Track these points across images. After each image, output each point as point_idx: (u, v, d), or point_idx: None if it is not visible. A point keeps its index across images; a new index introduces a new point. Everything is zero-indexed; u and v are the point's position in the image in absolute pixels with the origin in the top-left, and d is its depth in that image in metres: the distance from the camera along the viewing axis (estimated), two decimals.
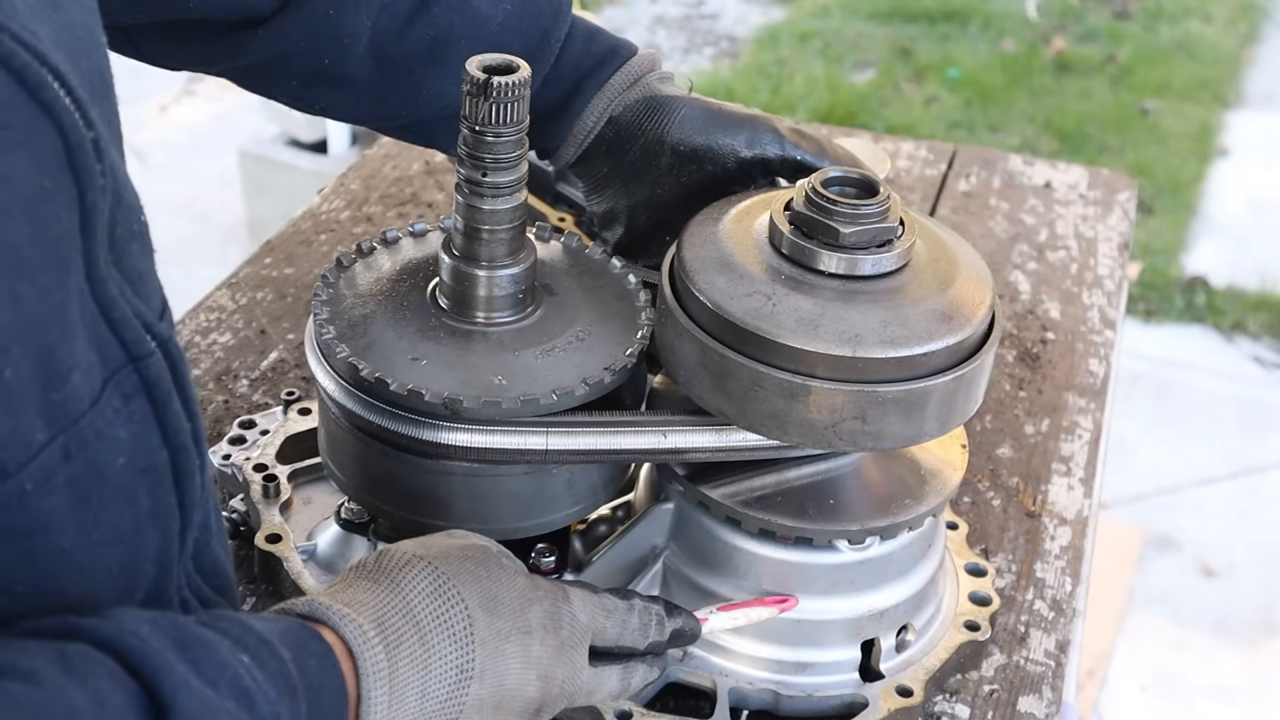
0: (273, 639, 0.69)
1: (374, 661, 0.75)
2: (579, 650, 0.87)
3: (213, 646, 0.65)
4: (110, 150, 0.67)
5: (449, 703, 0.79)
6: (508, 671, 0.82)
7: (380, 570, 0.82)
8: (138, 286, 0.70)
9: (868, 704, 1.03)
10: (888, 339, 0.93)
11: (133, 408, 0.68)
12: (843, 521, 1.01)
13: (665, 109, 1.10)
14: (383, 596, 0.79)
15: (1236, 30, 6.04)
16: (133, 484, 0.69)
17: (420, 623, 0.79)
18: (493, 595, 0.83)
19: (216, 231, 4.24)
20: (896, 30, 5.78)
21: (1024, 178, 1.89)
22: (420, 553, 0.83)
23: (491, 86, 0.94)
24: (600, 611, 0.89)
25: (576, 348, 1.02)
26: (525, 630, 0.83)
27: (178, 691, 0.61)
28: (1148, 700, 2.84)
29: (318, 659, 0.72)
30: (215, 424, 1.31)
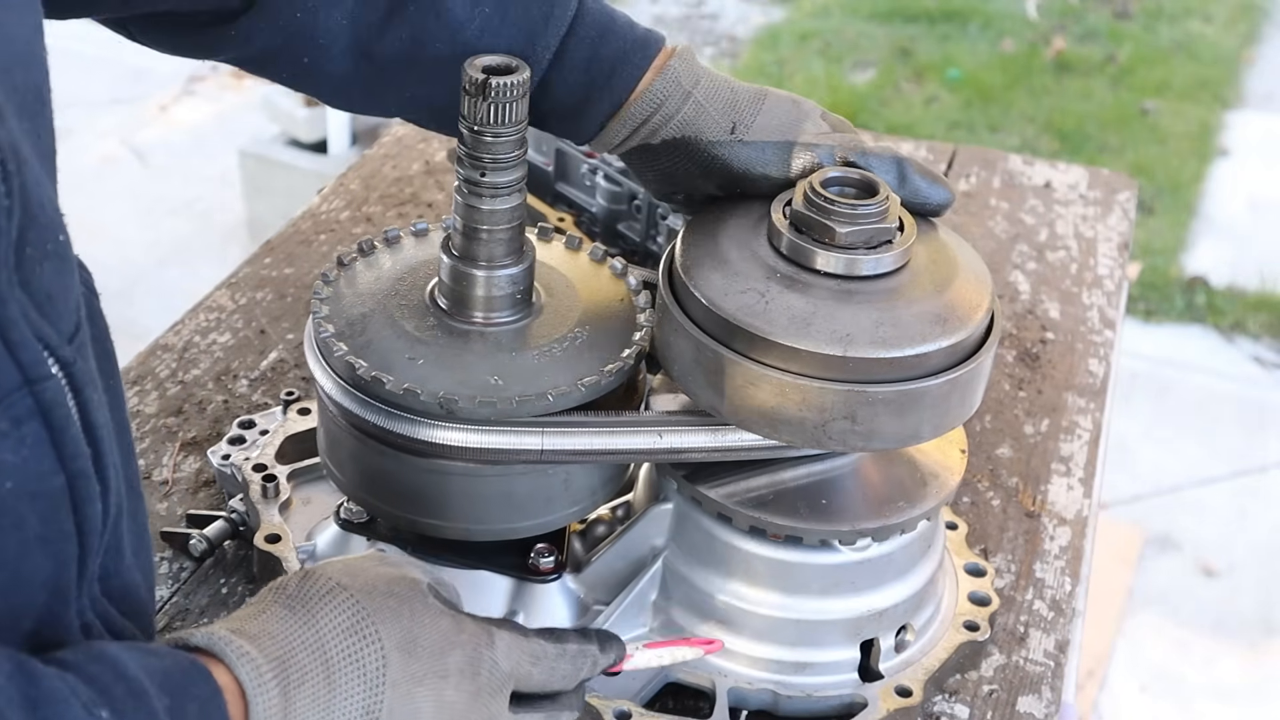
0: (148, 686, 0.67)
1: (265, 704, 0.73)
2: (497, 697, 0.85)
3: (65, 704, 0.62)
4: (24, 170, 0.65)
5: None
6: (417, 715, 0.80)
7: (300, 597, 0.80)
8: (45, 308, 0.68)
9: (867, 704, 1.03)
10: (879, 339, 0.93)
11: (24, 431, 0.66)
12: (836, 522, 1.01)
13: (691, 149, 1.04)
14: (294, 629, 0.77)
15: (1236, 30, 6.04)
16: (20, 508, 0.66)
17: (329, 660, 0.77)
18: (412, 636, 0.81)
19: (216, 231, 4.24)
20: (896, 30, 5.78)
21: (1024, 178, 1.89)
22: (345, 582, 0.81)
23: (490, 87, 0.94)
24: (526, 658, 0.87)
25: (575, 349, 1.02)
26: (441, 674, 0.81)
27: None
28: (1148, 700, 2.84)
29: (200, 704, 0.70)
30: (215, 424, 1.31)
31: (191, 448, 1.28)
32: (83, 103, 4.79)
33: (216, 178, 4.41)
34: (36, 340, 0.66)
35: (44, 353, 0.67)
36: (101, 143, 4.70)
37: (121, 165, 4.63)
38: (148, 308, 2.76)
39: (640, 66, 1.03)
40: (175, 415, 1.32)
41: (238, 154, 4.08)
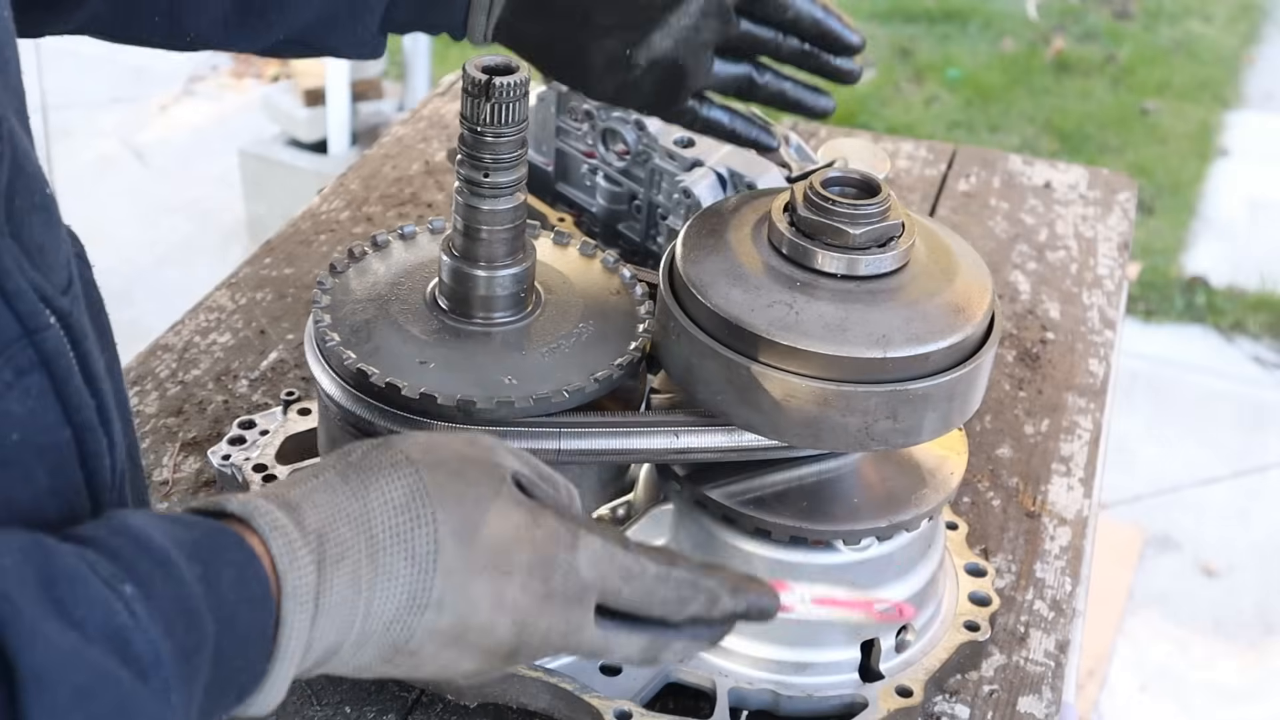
0: (176, 555, 0.63)
1: (297, 582, 0.68)
2: (576, 606, 0.77)
3: (83, 581, 0.59)
4: (9, 118, 0.65)
5: (396, 625, 0.73)
6: (475, 610, 0.74)
7: (359, 466, 0.75)
8: (37, 259, 0.67)
9: (867, 704, 1.03)
10: (882, 339, 0.93)
11: (28, 382, 0.65)
12: (839, 522, 1.01)
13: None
14: (342, 499, 0.72)
15: (1236, 30, 6.04)
16: (28, 461, 0.66)
17: (375, 537, 0.72)
18: (473, 523, 0.74)
19: (216, 231, 4.24)
20: (896, 30, 5.78)
21: (1024, 178, 1.89)
22: (415, 455, 0.75)
23: (493, 88, 0.94)
24: (617, 571, 0.77)
25: (581, 345, 1.03)
26: (504, 570, 0.74)
27: (22, 645, 0.56)
28: (1148, 700, 2.84)
29: (236, 569, 0.66)
30: (215, 424, 1.31)
31: (191, 448, 1.28)
32: (83, 103, 4.79)
33: (216, 178, 4.41)
34: (32, 290, 0.66)
35: (40, 303, 0.66)
36: (101, 143, 4.71)
37: (121, 165, 4.63)
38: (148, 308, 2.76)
39: None
40: (175, 415, 1.32)
41: (238, 154, 4.09)
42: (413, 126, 1.89)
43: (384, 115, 4.04)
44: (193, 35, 1.05)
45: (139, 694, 0.59)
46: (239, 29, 1.06)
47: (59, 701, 0.56)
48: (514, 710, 1.03)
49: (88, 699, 0.57)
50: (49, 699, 0.56)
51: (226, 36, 1.06)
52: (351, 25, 1.06)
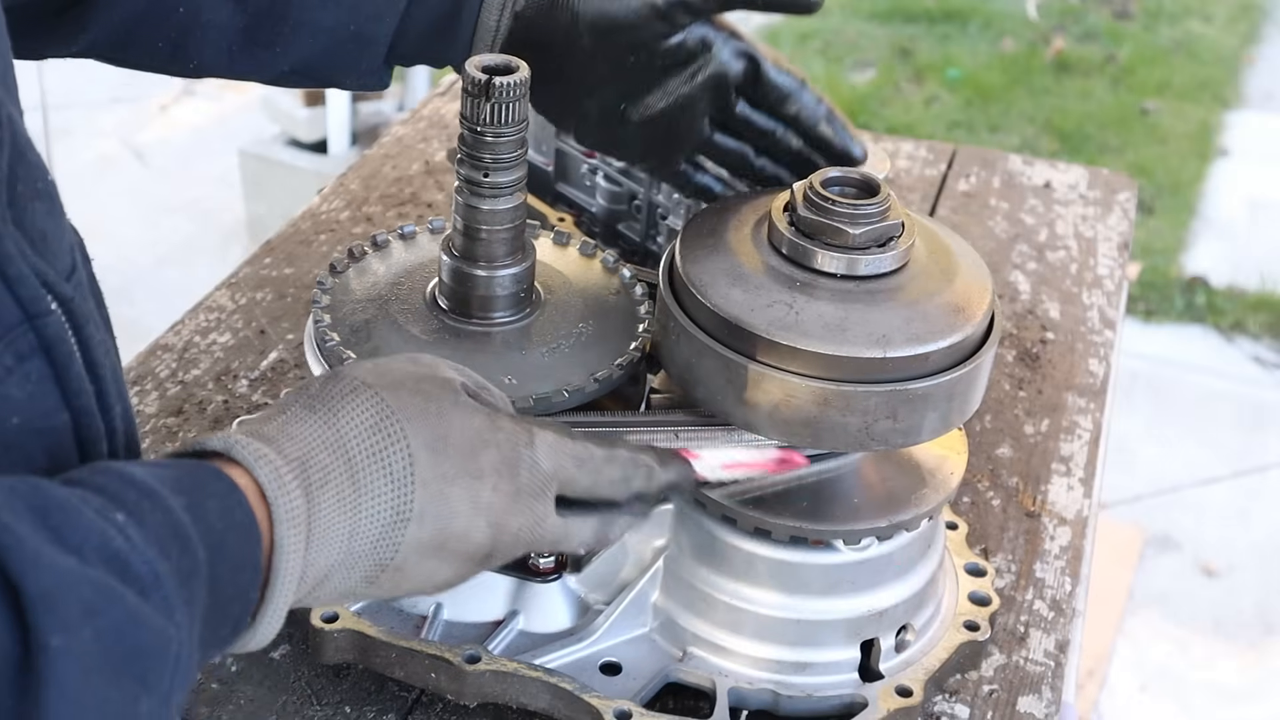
0: (160, 488, 0.65)
1: (289, 506, 0.71)
2: (540, 499, 0.82)
3: (76, 510, 0.61)
4: (6, 104, 0.66)
5: (382, 543, 0.76)
6: (453, 516, 0.78)
7: (321, 396, 0.77)
8: (40, 245, 0.68)
9: (867, 704, 1.03)
10: (881, 339, 0.93)
11: (28, 367, 0.66)
12: (839, 522, 1.01)
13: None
14: (315, 429, 0.75)
15: (1236, 30, 6.04)
16: (28, 444, 0.67)
17: (352, 459, 0.75)
18: (441, 434, 0.78)
19: (216, 231, 4.24)
20: (896, 30, 5.78)
21: (1024, 178, 1.89)
22: (370, 380, 0.78)
23: (494, 87, 0.94)
24: (570, 460, 0.84)
25: (581, 344, 1.03)
26: (475, 474, 0.78)
27: (26, 568, 0.57)
28: (1148, 700, 2.84)
29: (219, 499, 0.68)
30: (215, 424, 1.31)
31: None
32: (83, 103, 4.79)
33: (216, 178, 4.41)
34: (34, 276, 0.66)
35: (42, 289, 0.67)
36: (101, 143, 4.71)
37: (121, 165, 4.63)
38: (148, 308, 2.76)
39: None
40: (175, 415, 1.32)
41: (238, 154, 4.09)
42: (413, 126, 1.89)
43: (384, 115, 4.04)
44: (196, 64, 1.07)
45: (143, 610, 0.60)
46: (244, 60, 1.07)
47: (69, 617, 0.57)
48: (514, 710, 1.03)
49: (95, 614, 0.58)
50: (59, 615, 0.57)
51: (231, 66, 1.07)
52: (357, 59, 1.07)
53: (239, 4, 1.03)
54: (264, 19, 1.04)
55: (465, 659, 1.01)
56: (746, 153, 1.10)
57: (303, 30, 1.05)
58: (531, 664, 1.02)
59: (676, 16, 1.02)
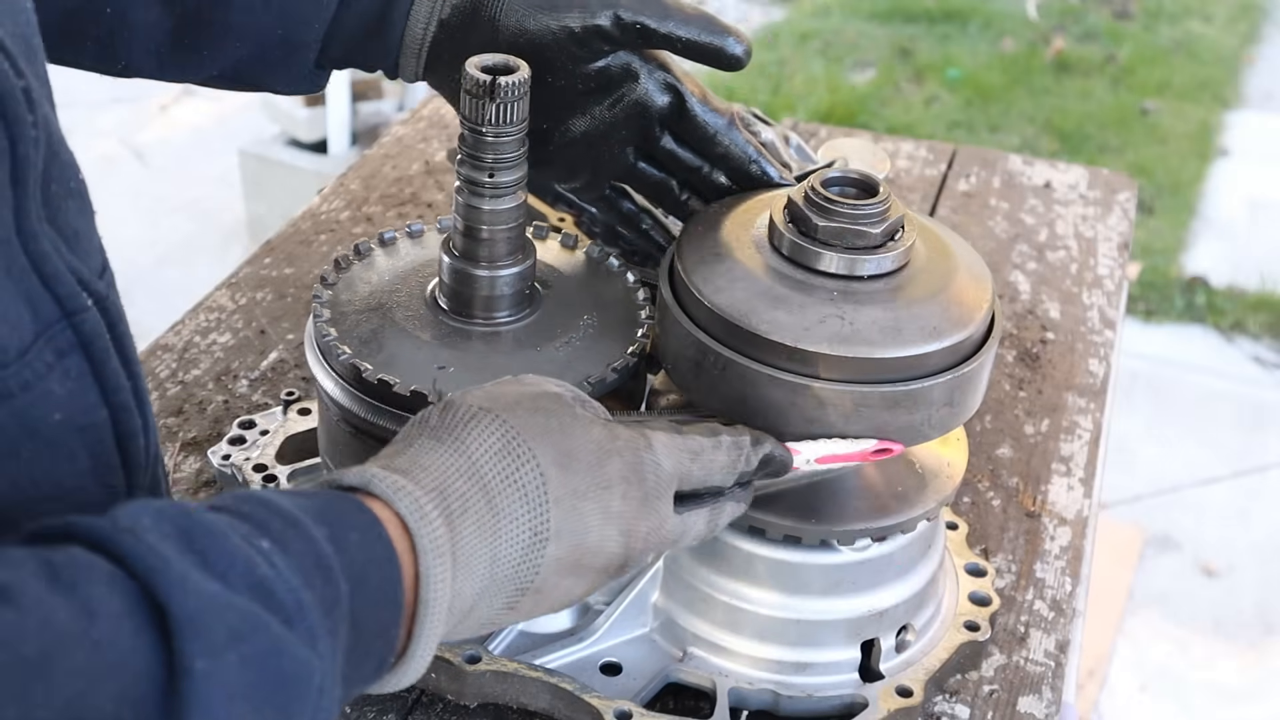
0: (303, 517, 0.65)
1: (432, 536, 0.70)
2: (664, 500, 0.83)
3: (222, 536, 0.61)
4: (43, 103, 0.66)
5: (523, 566, 0.75)
6: (587, 531, 0.78)
7: (444, 427, 0.77)
8: (73, 244, 0.69)
9: (867, 704, 1.03)
10: (881, 339, 0.93)
11: (68, 364, 0.67)
12: (839, 522, 1.01)
13: (491, 1, 1.02)
14: (446, 458, 0.75)
15: (1236, 30, 6.04)
16: (70, 440, 0.67)
17: (488, 485, 0.75)
18: (567, 450, 0.78)
19: (216, 231, 4.24)
20: (896, 30, 5.78)
21: (1024, 178, 1.89)
22: (487, 405, 0.78)
23: (498, 88, 0.94)
24: (686, 455, 0.84)
25: (579, 346, 1.03)
26: (604, 485, 0.79)
27: (173, 591, 0.57)
28: (1148, 700, 2.84)
29: (360, 532, 0.68)
30: (215, 424, 1.31)
31: (191, 448, 1.28)
32: (83, 103, 4.79)
33: (216, 178, 4.41)
34: (70, 273, 0.67)
35: (78, 286, 0.68)
36: (101, 143, 4.71)
37: (121, 165, 4.63)
38: (148, 308, 2.76)
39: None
40: (175, 415, 1.32)
41: (238, 154, 4.09)
42: (413, 126, 1.89)
43: (384, 115, 4.04)
44: (125, 64, 1.05)
45: (287, 638, 0.60)
46: (171, 62, 1.06)
47: (215, 642, 0.57)
48: (514, 710, 1.03)
49: (241, 640, 0.58)
50: (205, 640, 0.57)
51: (160, 68, 1.07)
52: (285, 64, 1.06)
53: (166, 6, 1.02)
54: (191, 22, 1.03)
55: (465, 659, 1.01)
56: (670, 184, 1.09)
57: (230, 34, 1.04)
58: (532, 664, 1.02)
59: (593, 43, 1.02)
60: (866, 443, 0.96)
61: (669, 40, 1.01)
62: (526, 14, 1.01)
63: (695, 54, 1.03)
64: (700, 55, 1.03)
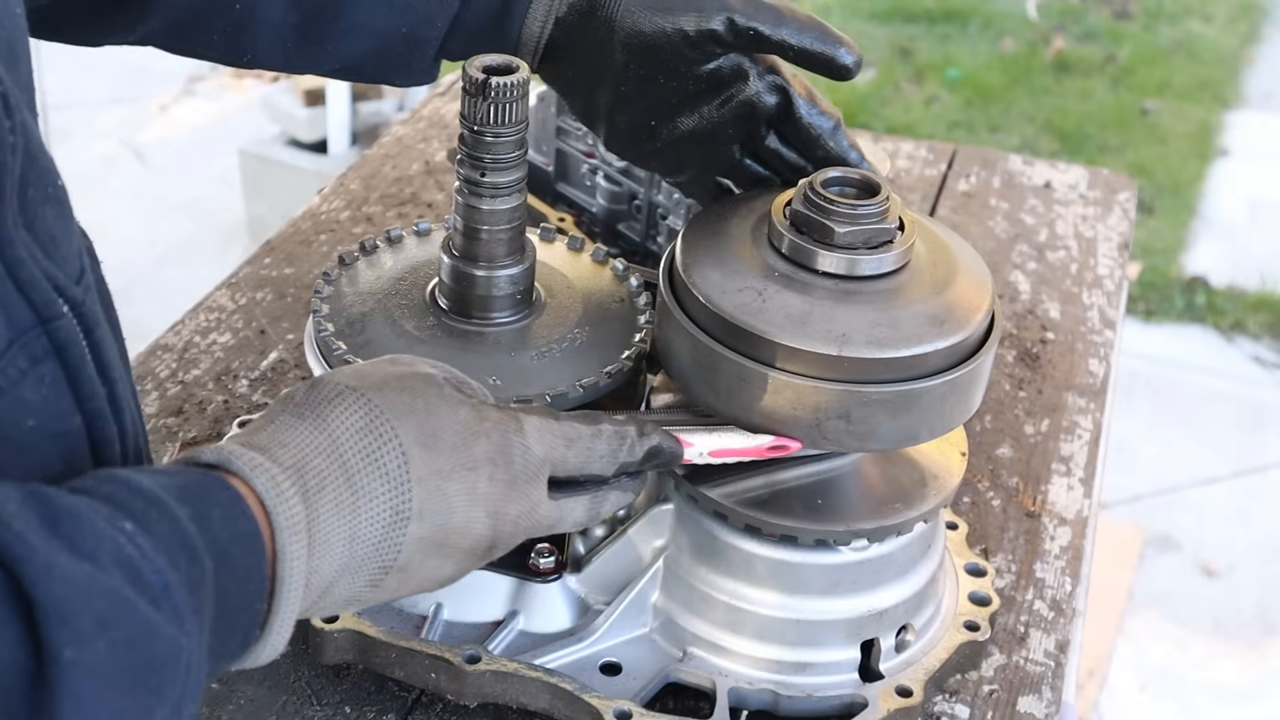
0: (166, 497, 0.65)
1: (288, 514, 0.70)
2: (534, 484, 0.83)
3: (87, 519, 0.60)
4: (22, 109, 0.66)
5: (384, 544, 0.76)
6: (452, 510, 0.78)
7: (307, 404, 0.77)
8: (50, 250, 0.69)
9: (867, 704, 1.03)
10: (880, 339, 0.93)
11: (42, 370, 0.67)
12: (838, 522, 1.01)
13: (607, 1, 1.04)
14: (306, 435, 0.75)
15: (1236, 30, 6.04)
16: (43, 447, 0.67)
17: (347, 463, 0.75)
18: (431, 430, 0.78)
19: (216, 231, 4.24)
20: (896, 30, 5.78)
21: (1024, 178, 1.89)
22: (353, 384, 0.78)
23: (490, 87, 0.94)
24: (560, 441, 0.85)
25: (574, 349, 1.03)
26: (469, 466, 0.79)
27: (38, 579, 0.56)
28: (1148, 700, 2.84)
29: (223, 509, 0.68)
30: (215, 424, 1.31)
31: (191, 448, 1.28)
32: (83, 103, 4.79)
33: (216, 178, 4.41)
34: (45, 279, 0.67)
35: (53, 293, 0.68)
36: (101, 143, 4.71)
37: (121, 165, 4.63)
38: (148, 308, 2.76)
39: None
40: (175, 415, 1.32)
41: (238, 154, 4.09)
42: (413, 126, 1.89)
43: (384, 115, 4.04)
44: (250, 56, 1.08)
45: (155, 620, 0.60)
46: (297, 56, 1.08)
47: (82, 629, 0.57)
48: (514, 710, 1.03)
49: (109, 625, 0.58)
50: (72, 628, 0.56)
51: (285, 61, 1.09)
52: (407, 60, 1.08)
53: (293, 2, 1.05)
54: (317, 18, 1.05)
55: (465, 659, 1.01)
56: (775, 183, 1.10)
57: (355, 31, 1.06)
58: (531, 664, 1.02)
59: (706, 45, 1.02)
60: (762, 438, 0.96)
61: (781, 47, 1.03)
62: (641, 15, 1.02)
63: (806, 62, 1.04)
64: (811, 63, 1.04)
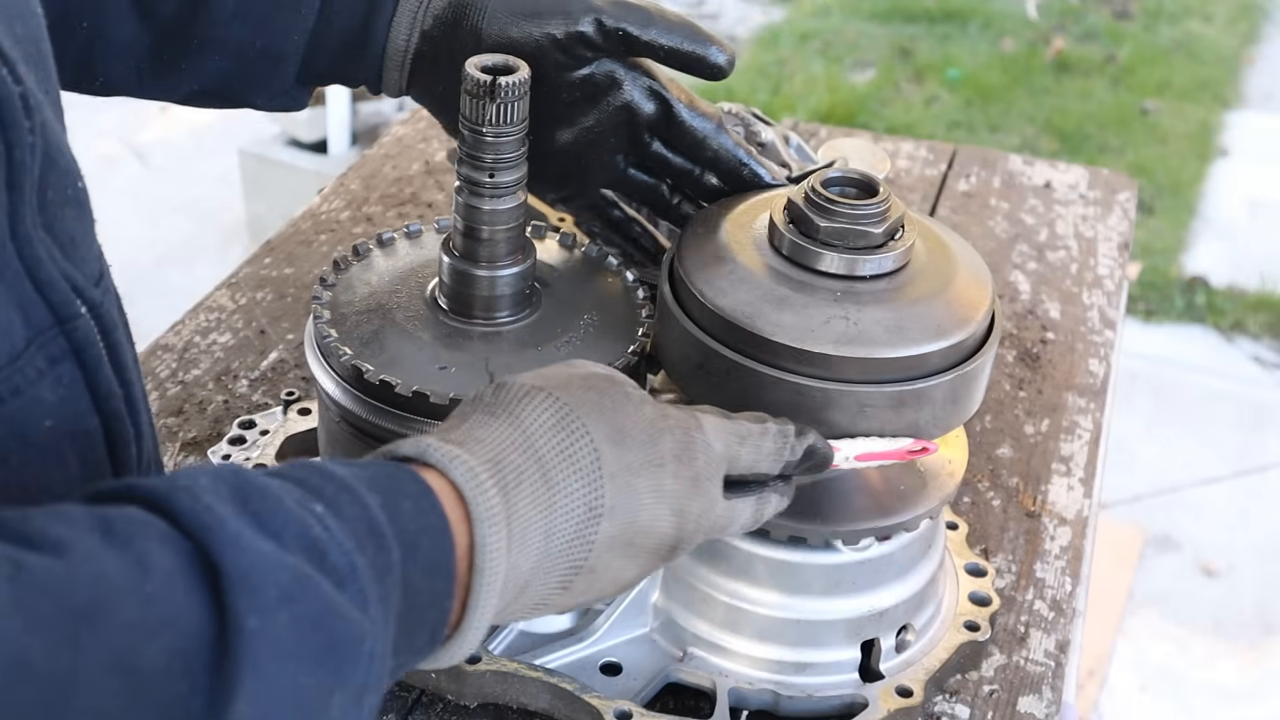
0: (357, 485, 0.65)
1: (488, 505, 0.70)
2: (714, 482, 0.82)
3: (277, 497, 0.61)
4: (43, 109, 0.66)
5: (576, 541, 0.75)
6: (640, 507, 0.77)
7: (498, 403, 0.77)
8: (69, 250, 0.69)
9: (867, 704, 1.03)
10: (882, 339, 0.93)
11: (60, 371, 0.67)
12: (839, 522, 1.01)
13: (472, 9, 1.02)
14: (501, 431, 0.75)
15: (1236, 30, 6.04)
16: (61, 447, 0.68)
17: (543, 459, 0.74)
18: (620, 427, 0.78)
19: (216, 231, 4.24)
20: (896, 30, 5.78)
21: (1024, 178, 1.89)
22: (540, 384, 0.78)
23: (498, 88, 0.94)
24: (735, 438, 0.84)
25: (577, 346, 1.03)
26: (657, 463, 0.78)
27: (226, 549, 0.57)
28: (1148, 700, 2.84)
29: (414, 500, 0.68)
30: (215, 424, 1.31)
31: (192, 448, 1.28)
32: (83, 103, 4.77)
33: (216, 178, 4.41)
34: (64, 280, 0.67)
35: (72, 293, 0.68)
36: (101, 143, 4.71)
37: (121, 165, 4.63)
38: (148, 308, 2.76)
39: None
40: (175, 415, 1.32)
41: (238, 154, 4.09)
42: (413, 126, 1.89)
43: (384, 115, 4.04)
44: (103, 80, 1.05)
45: (338, 601, 0.60)
46: (153, 78, 1.06)
47: (266, 600, 0.57)
48: (514, 710, 1.03)
49: (292, 600, 0.58)
50: (257, 598, 0.57)
51: (140, 84, 1.06)
52: (267, 77, 1.06)
53: (145, 21, 1.02)
54: (171, 36, 1.03)
55: (465, 659, 1.00)
56: (660, 188, 1.09)
57: (211, 47, 1.03)
58: (532, 664, 1.02)
59: (576, 50, 1.01)
60: (903, 441, 0.96)
61: (651, 48, 1.01)
62: (510, 22, 1.01)
63: (677, 62, 1.02)
64: (682, 64, 1.02)
